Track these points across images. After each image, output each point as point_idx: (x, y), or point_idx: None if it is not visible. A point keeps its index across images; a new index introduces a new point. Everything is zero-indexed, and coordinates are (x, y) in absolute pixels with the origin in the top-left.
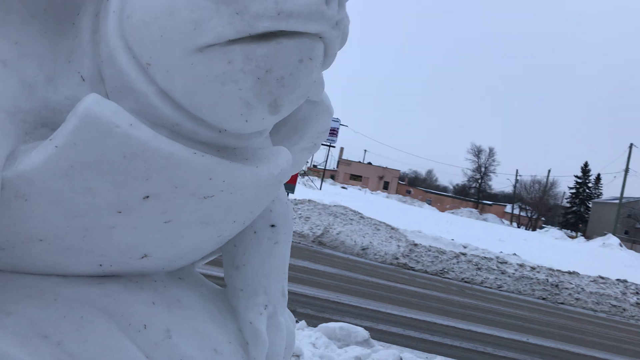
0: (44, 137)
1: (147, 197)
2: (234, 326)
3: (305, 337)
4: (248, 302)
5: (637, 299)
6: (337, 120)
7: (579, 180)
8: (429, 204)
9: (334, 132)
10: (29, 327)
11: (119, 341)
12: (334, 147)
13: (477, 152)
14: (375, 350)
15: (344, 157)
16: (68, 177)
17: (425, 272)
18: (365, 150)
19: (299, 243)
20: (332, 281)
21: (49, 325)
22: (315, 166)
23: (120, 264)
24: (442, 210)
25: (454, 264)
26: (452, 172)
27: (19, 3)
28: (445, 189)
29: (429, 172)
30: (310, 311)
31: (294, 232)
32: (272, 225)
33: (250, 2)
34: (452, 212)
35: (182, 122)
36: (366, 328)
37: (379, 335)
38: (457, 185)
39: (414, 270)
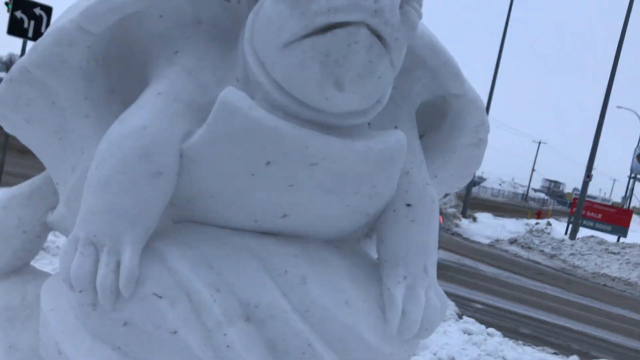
0: None
1: (269, 162)
2: (376, 291)
3: None
4: (389, 271)
5: None
6: None
7: None
8: None
9: None
10: (201, 258)
11: (262, 279)
12: None
13: None
14: None
15: None
16: (215, 147)
17: None
18: None
19: (624, 292)
20: None
21: (215, 260)
22: None
23: (269, 222)
24: None
25: None
26: None
27: (206, 28)
28: None
29: None
30: None
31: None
32: (408, 205)
33: (310, 3)
34: None
35: (289, 104)
36: None
37: None
38: None
39: None
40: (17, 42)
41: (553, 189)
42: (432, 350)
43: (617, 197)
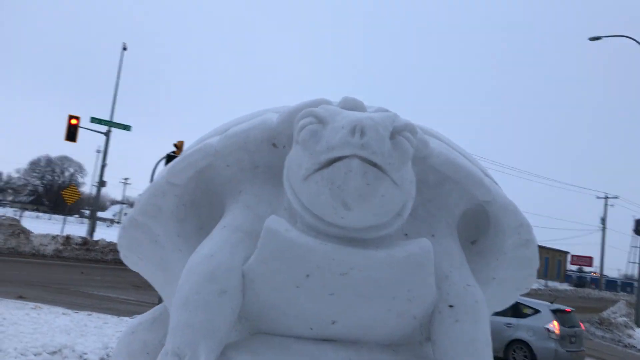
0: None
1: (308, 275)
2: None
3: None
4: None
5: None
6: None
7: None
8: None
9: None
10: (265, 356)
11: None
12: None
13: None
14: None
15: None
16: (265, 265)
17: None
18: None
19: None
20: None
21: None
22: None
23: (323, 329)
24: None
25: None
26: None
27: (262, 170)
28: None
29: None
30: None
31: None
32: (450, 306)
33: (315, 145)
34: None
35: (319, 225)
36: None
37: None
38: None
39: None
40: None
41: None
42: None
43: None
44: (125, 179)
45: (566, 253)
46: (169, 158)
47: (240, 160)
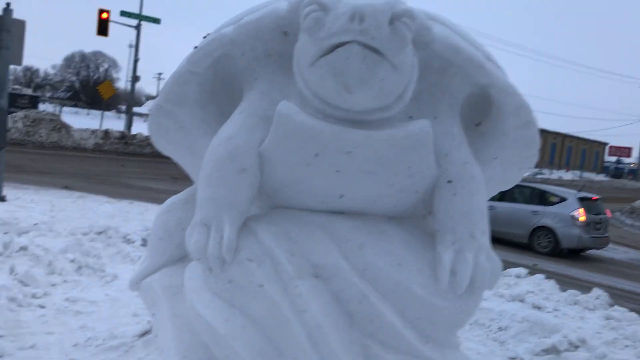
0: None
1: (317, 154)
2: (431, 256)
3: None
4: (440, 239)
5: None
6: None
7: None
8: None
9: None
10: (282, 232)
11: (328, 246)
12: None
13: None
14: None
15: None
16: (278, 146)
17: None
18: None
19: None
20: None
21: (292, 232)
22: None
23: (332, 202)
24: None
25: None
26: None
27: (275, 58)
28: None
29: None
30: None
31: None
32: (449, 181)
33: (318, 32)
34: None
35: (325, 108)
36: None
37: None
38: None
39: None
40: None
41: None
42: (563, 333)
43: None
44: (159, 74)
45: (604, 144)
46: None
47: (254, 48)
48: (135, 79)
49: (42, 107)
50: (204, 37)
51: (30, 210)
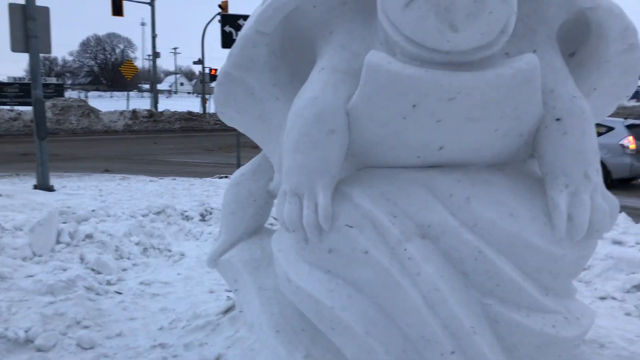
0: None
1: (414, 105)
2: (542, 203)
3: None
4: (552, 183)
5: None
6: None
7: None
8: None
9: None
10: (379, 193)
11: (431, 203)
12: None
13: None
14: None
15: None
16: (370, 101)
17: None
18: None
19: None
20: None
21: (390, 193)
22: None
23: (431, 156)
24: None
25: None
26: None
27: (351, 6)
28: None
29: None
30: None
31: None
32: (557, 119)
33: None
34: None
35: (422, 53)
36: None
37: None
38: None
39: None
40: None
41: None
42: None
43: None
44: (174, 48)
45: None
46: (224, 19)
47: None
48: (155, 55)
49: (67, 94)
50: (219, 5)
51: (80, 197)
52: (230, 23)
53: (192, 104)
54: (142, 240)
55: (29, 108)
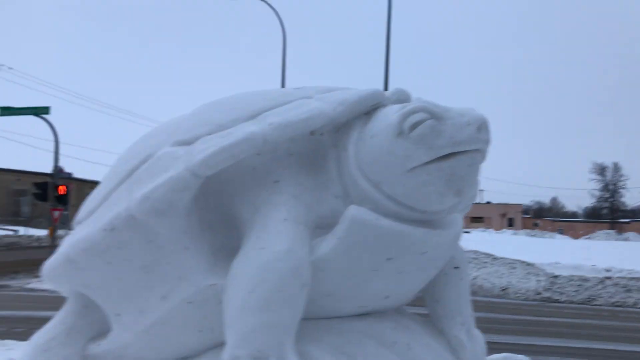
0: (318, 235)
1: (390, 258)
2: (444, 341)
3: None
4: (450, 323)
5: None
6: None
7: None
8: (560, 233)
9: None
10: (336, 349)
11: (382, 351)
12: None
13: (601, 170)
14: None
15: None
16: (346, 254)
17: (572, 302)
18: (481, 190)
19: None
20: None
21: (344, 347)
22: None
23: (372, 304)
24: (577, 237)
25: (600, 289)
26: (578, 195)
27: (297, 158)
28: (574, 214)
29: (554, 199)
30: None
31: None
32: (456, 267)
33: (436, 140)
34: (588, 238)
35: (401, 211)
36: None
37: None
38: (587, 208)
39: (559, 302)
40: None
41: None
42: None
43: None
44: None
45: None
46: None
47: (277, 148)
48: None
49: None
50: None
51: None
52: None
53: None
54: None
55: None
